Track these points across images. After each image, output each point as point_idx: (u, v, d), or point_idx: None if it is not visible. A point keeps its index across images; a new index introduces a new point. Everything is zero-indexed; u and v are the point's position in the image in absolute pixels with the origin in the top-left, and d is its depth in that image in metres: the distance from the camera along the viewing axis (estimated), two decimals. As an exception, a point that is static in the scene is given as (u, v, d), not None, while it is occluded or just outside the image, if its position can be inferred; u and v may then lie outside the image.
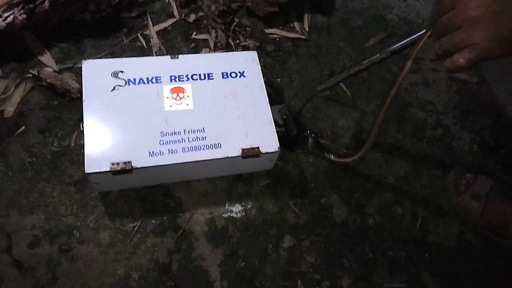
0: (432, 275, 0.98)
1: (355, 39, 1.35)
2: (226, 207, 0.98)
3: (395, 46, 0.81)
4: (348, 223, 1.02)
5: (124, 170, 0.85)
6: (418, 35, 0.71)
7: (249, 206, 0.99)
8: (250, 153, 0.91)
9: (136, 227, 0.92)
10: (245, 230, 0.96)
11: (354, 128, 1.17)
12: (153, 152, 0.87)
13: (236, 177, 1.02)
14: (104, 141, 0.87)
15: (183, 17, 1.25)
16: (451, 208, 1.08)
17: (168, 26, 1.24)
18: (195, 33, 1.24)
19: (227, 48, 1.22)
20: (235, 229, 0.96)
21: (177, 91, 0.96)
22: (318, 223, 1.01)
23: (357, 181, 1.08)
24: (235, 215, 0.98)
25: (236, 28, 1.28)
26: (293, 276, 0.94)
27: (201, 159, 0.88)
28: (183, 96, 0.96)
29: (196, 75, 0.99)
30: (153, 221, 0.94)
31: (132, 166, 0.85)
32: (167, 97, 0.95)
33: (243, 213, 0.98)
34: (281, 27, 1.32)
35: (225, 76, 1.01)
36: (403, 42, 0.79)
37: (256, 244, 0.95)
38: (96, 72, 0.95)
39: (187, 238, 0.93)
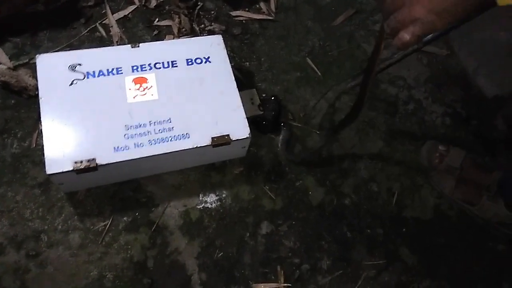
0: (410, 250, 0.99)
1: (323, 17, 1.32)
2: (200, 198, 0.96)
3: (429, 37, 0.82)
4: (325, 204, 1.01)
5: (89, 168, 0.81)
6: None
7: (223, 195, 0.97)
8: (221, 141, 0.89)
9: (107, 226, 0.89)
10: (221, 220, 0.95)
11: (326, 107, 1.15)
12: (118, 147, 0.84)
13: (209, 167, 1.00)
14: (65, 139, 0.83)
15: (143, 3, 1.20)
16: (426, 182, 1.08)
17: (129, 13, 1.18)
18: (157, 19, 1.19)
19: (192, 33, 1.18)
20: (211, 220, 0.94)
21: (140, 81, 0.92)
22: (295, 207, 1.00)
23: (332, 162, 1.07)
24: (210, 206, 0.96)
25: (201, 12, 1.23)
26: (272, 262, 0.93)
27: (169, 151, 0.85)
28: (147, 87, 0.92)
29: (160, 63, 0.95)
30: (125, 218, 0.91)
31: (96, 164, 0.81)
32: (130, 89, 0.91)
33: (218, 203, 0.96)
34: (247, 9, 1.28)
35: (190, 63, 0.97)
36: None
37: (233, 233, 0.94)
38: (52, 67, 0.90)
39: (161, 233, 0.91)
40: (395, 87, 1.23)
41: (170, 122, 0.88)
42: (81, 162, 0.81)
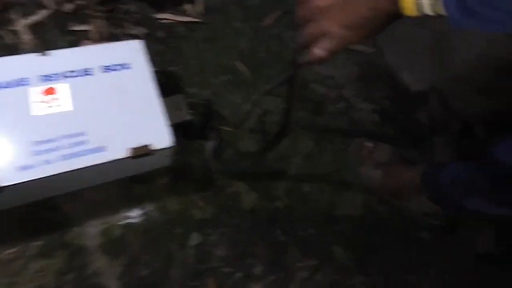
0: (342, 248, 1.00)
1: (252, 18, 1.31)
2: (123, 213, 0.91)
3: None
4: (257, 209, 1.00)
5: (-9, 191, 0.74)
6: None
7: (149, 208, 0.93)
8: (140, 152, 0.84)
9: (17, 253, 0.82)
10: (145, 234, 0.90)
11: (256, 110, 1.14)
12: (24, 165, 0.77)
13: (132, 179, 0.94)
14: (-39, 161, 0.75)
15: (58, 7, 1.12)
16: (355, 179, 1.10)
17: (42, 18, 1.10)
18: (74, 24, 1.12)
19: (113, 38, 1.12)
20: (134, 235, 0.89)
21: (49, 92, 0.86)
22: (227, 214, 0.97)
23: (264, 165, 1.06)
24: (133, 220, 0.91)
25: (122, 16, 1.18)
26: (203, 273, 0.90)
27: (83, 166, 0.80)
28: (57, 98, 0.85)
29: (72, 72, 0.89)
30: (37, 242, 0.84)
31: (0, 185, 0.74)
32: (38, 101, 0.84)
33: (143, 217, 0.92)
34: (172, 11, 1.23)
35: (107, 70, 0.92)
36: None
37: (159, 247, 0.90)
38: None
39: (79, 255, 0.85)
40: (325, 87, 1.24)
41: (84, 135, 0.83)
42: (-18, 184, 0.74)
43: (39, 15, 1.10)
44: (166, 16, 1.22)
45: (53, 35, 1.09)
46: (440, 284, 1.00)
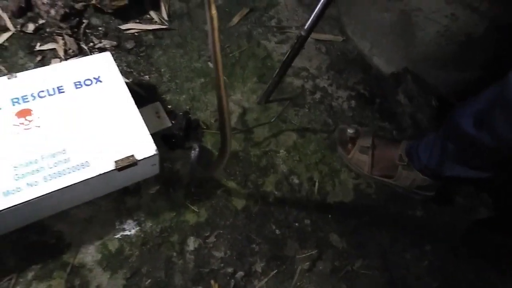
0: (339, 234, 1.01)
1: (219, 19, 1.30)
2: (117, 227, 0.89)
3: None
4: (250, 206, 1.00)
5: (-25, 221, 0.71)
6: None
7: (142, 219, 0.91)
8: (126, 163, 0.83)
9: (14, 279, 0.79)
10: (143, 245, 0.89)
11: (237, 110, 1.14)
12: (8, 190, 0.75)
13: (122, 192, 0.93)
14: None
15: (20, 29, 1.09)
16: (342, 166, 1.11)
17: (4, 41, 1.07)
18: (39, 44, 1.09)
19: (81, 54, 1.10)
20: (132, 247, 0.88)
21: (23, 114, 0.83)
22: (220, 216, 0.97)
23: (250, 162, 1.06)
24: (129, 233, 0.89)
25: (87, 30, 1.15)
26: (205, 277, 0.89)
27: (68, 184, 0.78)
28: (32, 119, 0.83)
29: (43, 91, 0.87)
30: (34, 266, 0.82)
31: (-16, 214, 0.72)
32: (13, 124, 0.82)
33: (138, 228, 0.90)
34: (137, 20, 1.22)
35: (79, 85, 0.90)
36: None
37: (158, 256, 0.88)
38: None
39: (79, 273, 0.83)
40: (300, 79, 1.25)
41: (65, 152, 0.81)
42: (-35, 215, 0.71)
43: (1, 38, 1.07)
44: (132, 26, 1.20)
45: (19, 57, 1.06)
46: (438, 258, 1.03)
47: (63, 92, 0.88)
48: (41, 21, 1.11)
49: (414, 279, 0.99)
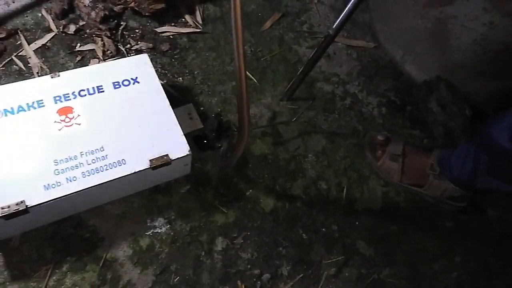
0: (366, 241, 1.00)
1: (251, 23, 1.32)
2: (148, 224, 0.92)
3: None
4: (278, 210, 1.00)
5: (18, 212, 0.75)
6: None
7: (172, 217, 0.93)
8: (160, 163, 0.85)
9: (50, 270, 0.83)
10: (173, 242, 0.91)
11: (266, 113, 1.15)
12: (48, 184, 0.78)
13: (153, 190, 0.95)
14: (-14, 185, 0.76)
15: (62, 30, 1.14)
16: (371, 173, 1.10)
17: (47, 42, 1.12)
18: (79, 44, 1.13)
19: (118, 55, 1.14)
20: (162, 245, 0.90)
21: (65, 112, 0.87)
22: (248, 217, 0.98)
23: (279, 166, 1.07)
24: (159, 230, 0.91)
25: (125, 32, 1.19)
26: (232, 277, 0.90)
27: (105, 181, 0.81)
28: (73, 116, 0.87)
29: (84, 90, 0.91)
30: (69, 258, 0.85)
31: (26, 206, 0.75)
32: (55, 121, 0.85)
33: (168, 226, 0.92)
34: (173, 24, 1.25)
35: (117, 86, 0.93)
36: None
37: (187, 255, 0.90)
38: (-36, 109, 0.83)
39: (111, 267, 0.85)
40: (330, 84, 1.25)
41: (103, 150, 0.84)
42: (9, 206, 0.74)
43: (45, 39, 1.12)
44: (167, 29, 1.23)
45: (60, 56, 1.10)
46: (468, 270, 1.01)
47: (103, 91, 0.91)
48: (81, 23, 1.16)
49: (442, 291, 0.98)
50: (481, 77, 1.19)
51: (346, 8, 0.89)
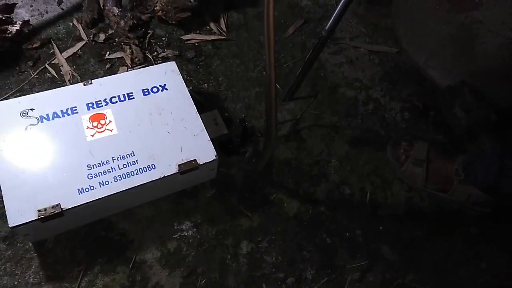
0: (390, 246, 1.00)
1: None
2: (175, 227, 0.94)
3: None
4: (301, 214, 1.02)
5: (54, 215, 0.78)
6: None
7: (199, 221, 0.96)
8: (188, 167, 0.88)
9: (82, 271, 0.86)
10: (199, 246, 0.93)
11: (289, 118, 1.16)
12: (82, 188, 0.81)
13: (180, 194, 0.98)
14: (25, 188, 0.79)
15: (92, 38, 1.18)
16: (395, 178, 1.10)
17: (78, 50, 1.16)
18: (108, 52, 1.17)
19: (146, 62, 1.17)
20: (189, 248, 0.92)
21: (97, 118, 0.90)
22: (272, 221, 0.99)
23: (302, 170, 1.08)
24: (186, 233, 0.94)
25: (152, 40, 1.23)
26: (257, 280, 0.91)
27: (136, 185, 0.84)
28: (105, 123, 0.90)
29: (115, 97, 0.94)
30: (100, 259, 0.88)
31: (62, 209, 0.78)
32: (88, 127, 0.89)
33: (194, 229, 0.95)
34: (198, 31, 1.28)
35: (147, 93, 0.96)
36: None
37: (213, 258, 0.92)
38: (2, 116, 0.87)
39: (140, 269, 0.88)
40: (353, 89, 1.26)
41: (134, 155, 0.87)
42: (45, 209, 0.78)
43: (76, 47, 1.16)
44: (192, 37, 1.26)
45: (90, 64, 1.14)
46: (496, 277, 1.00)
47: (133, 98, 0.94)
48: (110, 31, 1.20)
49: (468, 297, 0.97)
50: (506, 82, 1.17)
51: (337, 9, 0.89)
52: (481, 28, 1.12)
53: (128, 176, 0.84)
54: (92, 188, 0.82)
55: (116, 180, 0.83)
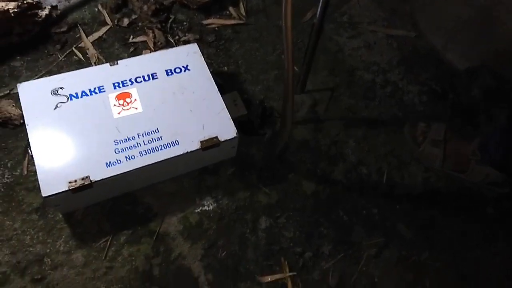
0: (406, 225, 1.02)
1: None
2: (197, 202, 0.98)
3: None
4: (319, 192, 1.04)
5: (84, 186, 0.82)
6: None
7: (219, 197, 0.99)
8: (210, 144, 0.91)
9: (109, 241, 0.90)
10: (220, 220, 0.96)
11: (307, 101, 1.18)
12: (110, 162, 0.85)
13: (202, 171, 1.01)
14: (56, 161, 0.84)
15: (116, 23, 1.22)
16: (412, 159, 1.12)
17: (103, 34, 1.20)
18: (132, 36, 1.21)
19: (168, 46, 1.21)
20: (210, 222, 0.96)
21: (123, 96, 0.94)
22: (290, 199, 1.02)
23: (320, 151, 1.10)
24: (207, 208, 0.97)
25: (173, 25, 1.26)
26: (275, 254, 0.94)
27: (161, 159, 0.87)
28: (131, 101, 0.94)
29: (140, 77, 0.98)
30: (125, 231, 0.92)
31: (91, 181, 0.83)
32: (114, 105, 0.93)
33: (215, 204, 0.98)
34: (218, 16, 1.31)
35: (170, 73, 1.00)
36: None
37: (233, 232, 0.95)
38: (34, 94, 0.92)
39: (163, 241, 0.92)
40: (371, 73, 1.27)
41: (158, 132, 0.90)
42: (75, 181, 0.82)
43: (101, 32, 1.20)
44: (213, 21, 1.29)
45: (115, 48, 1.18)
46: (511, 257, 1.00)
47: (157, 78, 0.98)
48: (134, 16, 1.24)
49: (485, 276, 0.98)
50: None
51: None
52: (501, 10, 1.12)
53: (153, 151, 0.88)
54: (119, 162, 0.86)
55: (141, 155, 0.87)
